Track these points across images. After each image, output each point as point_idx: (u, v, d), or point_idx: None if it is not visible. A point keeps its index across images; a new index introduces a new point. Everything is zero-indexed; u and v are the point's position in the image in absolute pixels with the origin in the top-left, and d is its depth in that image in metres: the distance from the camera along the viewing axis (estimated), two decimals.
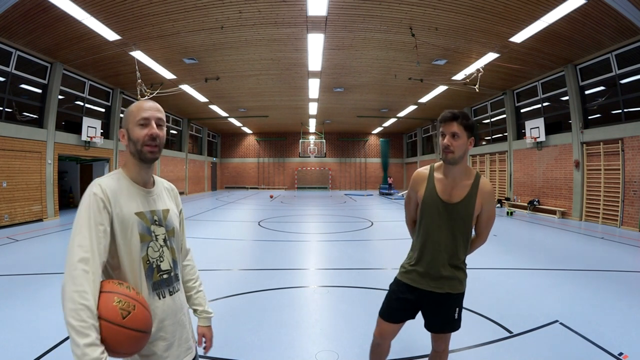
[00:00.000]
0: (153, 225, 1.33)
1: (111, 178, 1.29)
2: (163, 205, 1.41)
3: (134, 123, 1.30)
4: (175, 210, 1.49)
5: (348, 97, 16.01)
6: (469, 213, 1.88)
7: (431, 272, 1.93)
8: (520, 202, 13.79)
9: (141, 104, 1.34)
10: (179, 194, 1.59)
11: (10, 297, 4.01)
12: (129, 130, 1.32)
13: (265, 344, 2.99)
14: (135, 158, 1.33)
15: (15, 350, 2.79)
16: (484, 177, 1.93)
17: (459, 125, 1.80)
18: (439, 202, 1.91)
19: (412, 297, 1.98)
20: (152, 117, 1.31)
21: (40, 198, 10.13)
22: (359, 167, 29.22)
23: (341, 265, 5.68)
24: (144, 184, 1.37)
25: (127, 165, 1.36)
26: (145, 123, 1.30)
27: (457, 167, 1.87)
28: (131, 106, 1.36)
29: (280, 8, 7.68)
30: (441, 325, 2.00)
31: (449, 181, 1.91)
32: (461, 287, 1.96)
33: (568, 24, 8.05)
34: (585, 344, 2.92)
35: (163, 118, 1.36)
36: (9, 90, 9.29)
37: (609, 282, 4.67)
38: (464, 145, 1.82)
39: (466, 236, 1.92)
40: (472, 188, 1.88)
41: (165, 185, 1.52)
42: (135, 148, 1.30)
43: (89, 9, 7.30)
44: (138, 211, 1.29)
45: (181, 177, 21.06)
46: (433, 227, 1.92)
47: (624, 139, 9.31)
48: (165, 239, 1.36)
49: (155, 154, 1.32)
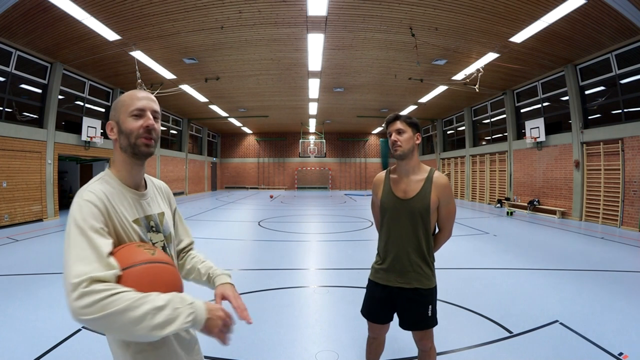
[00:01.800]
0: (150, 233, 1.19)
1: (100, 182, 1.12)
2: (158, 209, 1.27)
3: (126, 114, 1.14)
4: (170, 213, 1.35)
5: (348, 97, 16.01)
6: (425, 206, 1.96)
7: (397, 268, 2.01)
8: (520, 202, 13.79)
9: (134, 93, 1.18)
10: (171, 192, 1.44)
11: (10, 297, 4.01)
12: (120, 122, 1.15)
13: (265, 344, 2.99)
14: (127, 154, 1.16)
15: (15, 350, 2.79)
16: (437, 172, 2.04)
17: (402, 122, 1.99)
18: (395, 200, 2.02)
19: (385, 295, 2.06)
20: (148, 107, 1.16)
21: (40, 198, 10.13)
22: (359, 167, 29.22)
23: (341, 265, 5.68)
24: (137, 186, 1.21)
25: (116, 164, 1.19)
26: (140, 114, 1.15)
27: (409, 164, 2.01)
28: (122, 96, 1.20)
29: (280, 8, 7.68)
30: (415, 323, 2.03)
31: (403, 179, 2.04)
32: (429, 282, 2.01)
33: (568, 24, 8.05)
34: (585, 344, 2.92)
35: (158, 110, 1.21)
36: (9, 90, 9.29)
37: (609, 282, 4.67)
38: (410, 140, 1.98)
39: (426, 230, 1.99)
40: (425, 182, 1.99)
41: (156, 184, 1.36)
42: (128, 141, 1.14)
43: (89, 9, 7.29)
44: (135, 218, 1.15)
45: (181, 177, 21.06)
46: (393, 224, 2.03)
47: (624, 139, 9.31)
48: (164, 247, 1.23)
49: (151, 148, 1.17)
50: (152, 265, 1.03)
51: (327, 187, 28.97)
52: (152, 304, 0.88)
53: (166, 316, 0.89)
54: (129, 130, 1.14)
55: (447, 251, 6.25)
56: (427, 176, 2.00)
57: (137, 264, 1.01)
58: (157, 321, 0.87)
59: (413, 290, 1.99)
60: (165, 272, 1.06)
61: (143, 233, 1.16)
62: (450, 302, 3.88)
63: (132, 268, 0.99)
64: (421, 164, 2.06)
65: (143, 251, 1.05)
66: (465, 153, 18.51)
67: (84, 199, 1.03)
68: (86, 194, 1.04)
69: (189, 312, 0.93)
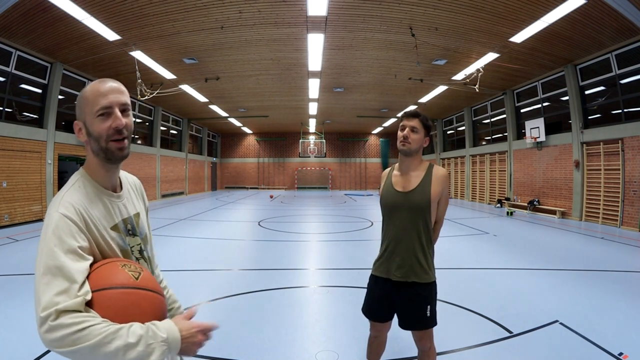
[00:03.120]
0: (127, 237, 1.11)
1: (75, 189, 1.02)
2: (133, 210, 1.18)
3: (92, 114, 1.01)
4: (144, 212, 1.26)
5: (348, 97, 16.01)
6: (425, 198, 1.98)
7: (396, 260, 2.03)
8: (520, 202, 13.78)
9: (97, 86, 1.03)
10: (143, 188, 1.33)
11: (10, 297, 4.01)
12: (87, 123, 1.02)
13: (265, 344, 2.99)
14: (99, 158, 1.05)
15: (15, 350, 2.79)
16: (437, 165, 2.07)
17: (420, 122, 2.01)
18: (395, 193, 2.06)
19: (384, 293, 2.07)
20: (115, 102, 1.02)
21: (40, 198, 10.13)
22: (359, 167, 29.22)
23: (341, 265, 5.68)
24: (113, 188, 1.12)
25: (90, 165, 1.08)
26: (106, 112, 1.01)
27: (412, 160, 2.05)
28: (84, 90, 1.04)
29: (280, 8, 7.68)
30: (414, 323, 2.04)
31: (404, 174, 2.08)
32: (427, 276, 2.01)
33: (568, 24, 8.04)
34: (585, 344, 2.92)
35: (127, 101, 1.06)
36: (9, 90, 9.29)
37: (609, 282, 4.67)
38: (420, 140, 2.01)
39: (426, 223, 2.01)
40: (425, 175, 2.03)
41: (130, 181, 1.25)
42: (99, 145, 1.02)
43: (89, 9, 7.29)
44: (113, 224, 1.06)
45: (181, 177, 21.06)
46: (393, 217, 2.06)
47: (624, 139, 9.30)
48: (140, 250, 1.16)
49: (124, 150, 1.05)
50: (131, 291, 0.95)
51: (327, 187, 28.97)
52: (124, 340, 0.82)
53: (138, 353, 0.83)
54: (97, 134, 1.02)
55: (447, 251, 6.29)
56: (427, 170, 2.04)
57: (114, 287, 0.93)
58: (129, 358, 0.82)
59: (411, 287, 1.99)
60: (145, 300, 0.97)
61: (122, 239, 1.08)
62: (450, 302, 3.87)
63: (106, 290, 0.91)
64: (422, 161, 2.10)
65: (126, 273, 0.97)
66: (465, 153, 18.51)
67: (59, 212, 0.93)
68: (62, 207, 0.95)
69: (162, 350, 0.86)
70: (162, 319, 0.97)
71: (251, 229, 9.61)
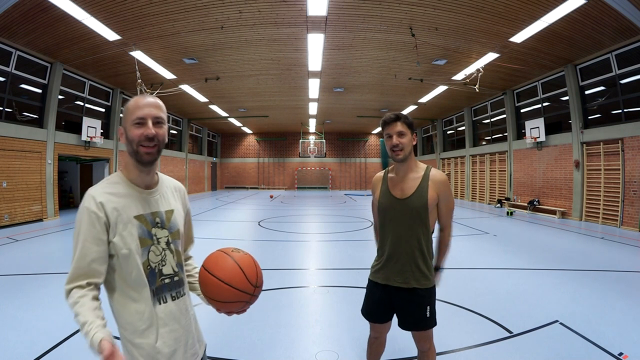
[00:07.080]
0: (155, 228, 1.27)
1: (107, 184, 1.24)
2: (167, 206, 1.34)
3: (130, 122, 1.22)
4: (182, 212, 1.42)
5: (348, 97, 16.01)
6: (423, 204, 1.94)
7: (396, 267, 2.00)
8: (520, 202, 13.79)
9: (138, 100, 1.24)
10: (186, 194, 1.51)
11: (10, 297, 4.01)
12: (127, 129, 1.24)
13: (265, 344, 2.99)
14: (132, 159, 1.26)
15: (15, 350, 2.79)
16: (434, 169, 2.02)
17: (403, 124, 1.94)
18: (392, 199, 2.01)
19: (384, 295, 2.05)
20: (149, 115, 1.22)
21: (40, 198, 10.13)
22: (359, 167, 29.22)
23: (341, 265, 5.68)
24: (146, 186, 1.30)
25: (128, 166, 1.29)
26: (141, 122, 1.21)
27: (408, 165, 2.01)
28: (129, 102, 1.26)
29: (280, 8, 7.68)
30: (413, 323, 2.03)
31: (400, 178, 2.03)
32: (427, 282, 1.99)
33: (568, 24, 8.04)
34: (585, 344, 2.92)
35: (162, 115, 1.26)
36: (9, 90, 9.29)
37: (609, 282, 4.67)
38: (410, 142, 1.97)
39: (426, 229, 1.98)
40: (422, 180, 1.98)
41: (171, 185, 1.43)
42: (132, 148, 1.23)
43: (89, 9, 7.29)
44: (138, 214, 1.23)
45: (181, 177, 21.04)
46: (392, 223, 2.02)
47: (624, 139, 9.30)
48: (168, 242, 1.30)
49: (152, 156, 1.24)
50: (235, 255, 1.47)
51: (327, 187, 28.97)
52: (79, 319, 1.08)
53: (84, 332, 1.06)
54: (131, 139, 1.22)
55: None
56: (423, 174, 1.99)
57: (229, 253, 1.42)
58: (82, 332, 1.06)
59: (411, 291, 1.98)
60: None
61: (142, 229, 1.24)
62: (450, 302, 3.87)
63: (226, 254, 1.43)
64: (418, 162, 2.06)
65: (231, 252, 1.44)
66: (465, 153, 18.51)
67: (84, 205, 1.18)
68: (86, 200, 1.18)
69: (89, 341, 1.04)
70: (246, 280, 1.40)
71: (251, 229, 9.61)
